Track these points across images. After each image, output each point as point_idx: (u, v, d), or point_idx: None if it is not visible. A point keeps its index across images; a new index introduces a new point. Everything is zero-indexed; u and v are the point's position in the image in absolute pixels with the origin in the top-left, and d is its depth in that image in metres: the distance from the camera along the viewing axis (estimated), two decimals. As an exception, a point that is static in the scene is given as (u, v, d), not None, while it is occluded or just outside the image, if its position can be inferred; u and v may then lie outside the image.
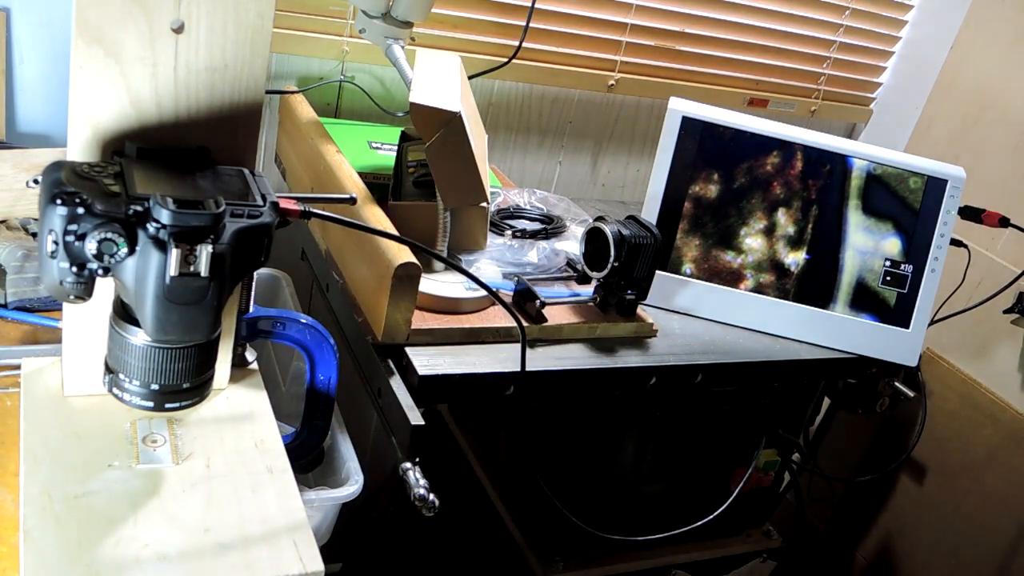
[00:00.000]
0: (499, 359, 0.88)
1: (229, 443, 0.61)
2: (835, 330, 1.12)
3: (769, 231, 1.13)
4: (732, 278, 1.12)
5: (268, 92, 1.20)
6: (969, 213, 1.28)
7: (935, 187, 1.14)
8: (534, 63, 1.44)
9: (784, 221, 1.14)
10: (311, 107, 1.14)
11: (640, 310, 1.01)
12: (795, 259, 1.13)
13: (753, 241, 1.13)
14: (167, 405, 0.52)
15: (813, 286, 1.13)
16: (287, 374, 0.98)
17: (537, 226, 1.12)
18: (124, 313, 0.50)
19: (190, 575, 0.50)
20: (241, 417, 0.64)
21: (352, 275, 0.92)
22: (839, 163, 1.14)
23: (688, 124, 1.12)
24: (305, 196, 0.56)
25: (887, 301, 1.13)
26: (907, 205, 1.14)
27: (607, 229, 0.95)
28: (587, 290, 1.02)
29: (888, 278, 1.14)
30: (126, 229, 0.46)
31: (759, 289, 1.12)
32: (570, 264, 1.05)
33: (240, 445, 0.61)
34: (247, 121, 0.56)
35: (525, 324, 0.86)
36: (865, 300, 1.13)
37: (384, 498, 1.12)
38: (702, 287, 1.11)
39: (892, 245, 1.14)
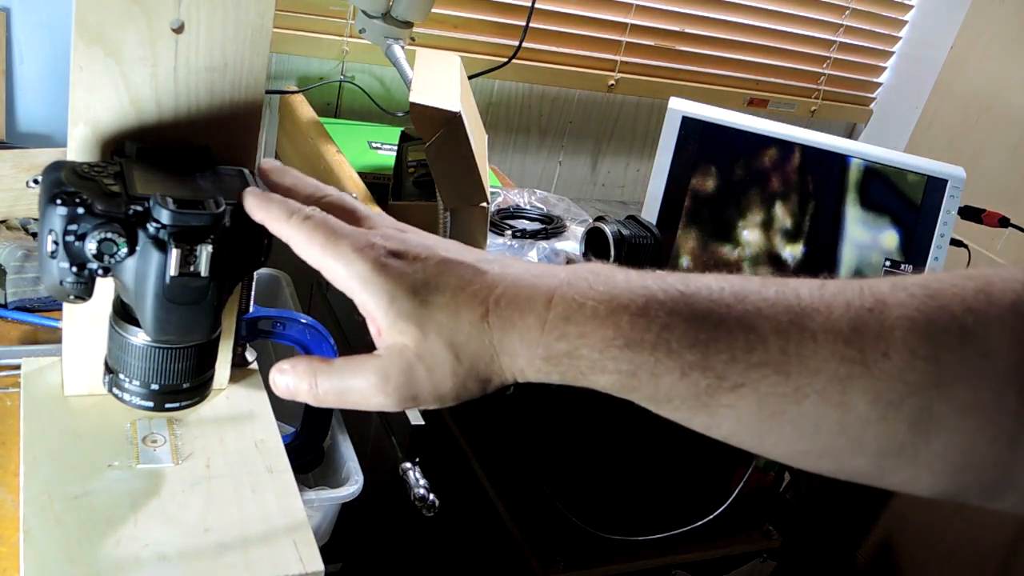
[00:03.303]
0: (499, 359, 0.88)
1: (229, 443, 0.61)
2: (835, 330, 1.12)
3: (767, 225, 1.13)
4: (727, 268, 1.12)
5: (268, 92, 1.20)
6: (969, 213, 1.28)
7: (935, 187, 1.14)
8: (534, 63, 1.44)
9: (781, 215, 1.14)
10: (311, 107, 1.14)
11: (640, 310, 1.01)
12: (792, 252, 1.13)
13: (751, 235, 1.13)
14: (167, 405, 0.52)
15: (809, 275, 1.13)
16: (287, 374, 0.97)
17: (537, 226, 1.12)
18: (124, 313, 0.50)
19: (190, 575, 0.50)
20: (241, 417, 0.64)
21: (352, 275, 0.91)
22: (839, 163, 1.14)
23: (688, 124, 1.12)
24: (305, 196, 0.56)
25: (887, 301, 1.13)
26: (906, 204, 1.14)
27: (607, 229, 0.95)
28: (587, 290, 1.02)
29: (888, 278, 1.14)
30: (126, 229, 0.46)
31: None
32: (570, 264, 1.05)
33: (240, 445, 0.61)
34: (247, 121, 0.56)
35: (525, 324, 0.86)
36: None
37: (384, 498, 1.12)
38: (702, 287, 1.11)
39: (890, 240, 1.14)
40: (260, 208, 0.45)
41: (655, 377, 0.37)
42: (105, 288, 0.51)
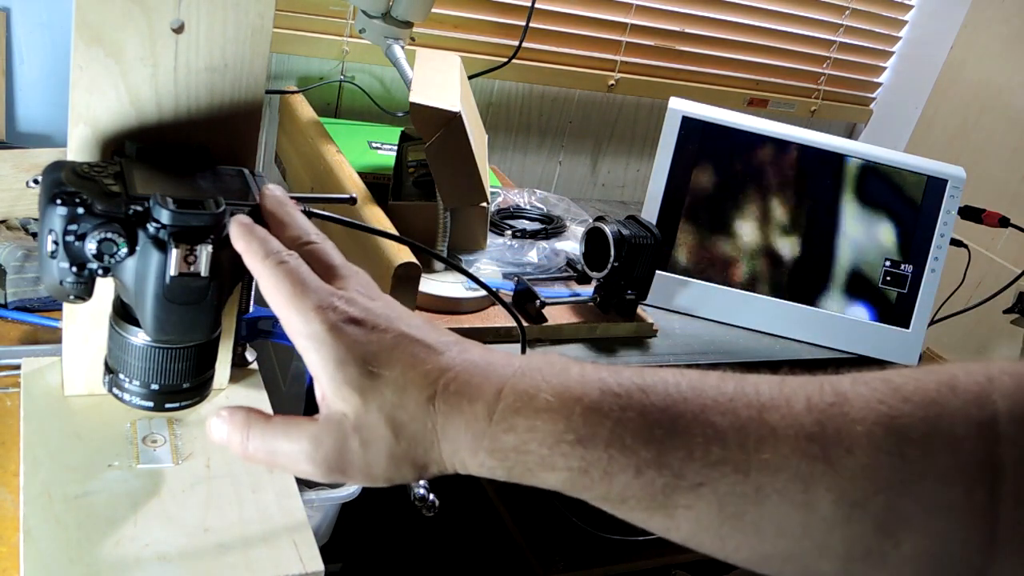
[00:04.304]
0: (499, 359, 0.88)
1: (229, 443, 0.61)
2: (835, 330, 1.12)
3: (764, 222, 1.13)
4: (728, 270, 1.12)
5: (268, 92, 1.20)
6: (969, 213, 1.28)
7: (935, 187, 1.14)
8: (534, 63, 1.44)
9: (779, 212, 1.14)
10: (311, 107, 1.14)
11: (640, 310, 1.01)
12: (790, 248, 1.13)
13: (750, 236, 1.13)
14: (167, 405, 0.52)
15: (808, 275, 1.13)
16: (287, 374, 0.98)
17: (537, 226, 1.12)
18: (124, 313, 0.50)
19: (190, 575, 0.50)
20: (241, 417, 0.64)
21: (352, 275, 0.91)
22: (838, 163, 1.14)
23: (688, 124, 1.12)
24: (305, 196, 0.56)
25: (887, 301, 1.14)
26: (906, 204, 1.14)
27: (607, 229, 0.95)
28: (587, 290, 1.02)
29: (888, 278, 1.14)
30: (126, 229, 0.46)
31: (754, 278, 1.12)
32: (570, 264, 1.05)
33: (240, 445, 0.61)
34: (247, 121, 0.56)
35: (525, 324, 0.86)
36: (860, 289, 1.13)
37: (384, 498, 1.12)
38: (702, 287, 1.12)
39: (888, 238, 1.14)
40: (241, 239, 0.44)
41: (608, 475, 0.35)
42: (105, 288, 0.51)
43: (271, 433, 0.40)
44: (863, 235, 1.14)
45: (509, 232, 1.07)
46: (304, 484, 0.70)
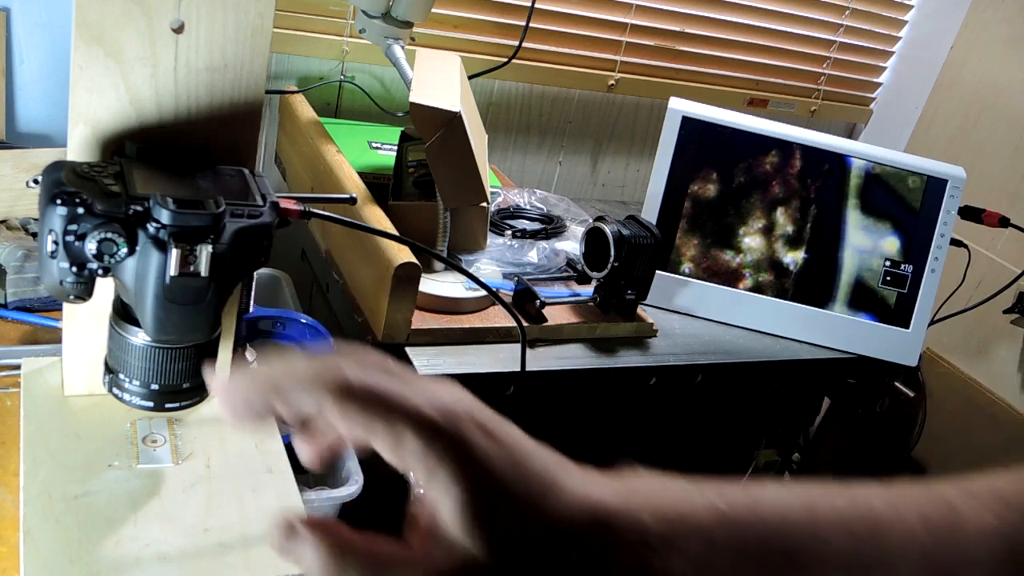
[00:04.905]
0: (499, 359, 0.88)
1: (229, 443, 0.61)
2: (835, 330, 1.12)
3: (768, 230, 1.13)
4: (731, 278, 1.12)
5: (268, 92, 1.20)
6: (969, 213, 1.28)
7: (935, 187, 1.14)
8: (534, 63, 1.44)
9: (783, 220, 1.14)
10: (311, 107, 1.14)
11: (640, 310, 1.01)
12: (793, 258, 1.13)
13: (752, 240, 1.13)
14: (167, 405, 0.52)
15: (812, 285, 1.13)
16: (287, 374, 0.98)
17: (537, 226, 1.12)
18: (124, 313, 0.50)
19: (190, 575, 0.50)
20: (241, 417, 0.64)
21: (352, 275, 0.92)
22: (838, 163, 1.14)
23: (688, 124, 1.12)
24: (305, 196, 0.56)
25: (887, 301, 1.13)
26: (907, 205, 1.14)
27: (607, 229, 0.95)
28: (587, 290, 1.02)
29: (888, 278, 1.14)
30: (126, 229, 0.46)
31: (758, 288, 1.12)
32: (570, 264, 1.05)
33: (240, 445, 0.61)
34: (247, 121, 0.56)
35: (525, 324, 0.86)
36: (864, 299, 1.13)
37: (384, 498, 1.12)
38: (702, 287, 1.12)
39: (891, 244, 1.14)
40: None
41: None
42: (105, 288, 0.51)
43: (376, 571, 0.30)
44: (862, 234, 1.14)
45: (509, 232, 1.07)
46: (304, 484, 0.70)
